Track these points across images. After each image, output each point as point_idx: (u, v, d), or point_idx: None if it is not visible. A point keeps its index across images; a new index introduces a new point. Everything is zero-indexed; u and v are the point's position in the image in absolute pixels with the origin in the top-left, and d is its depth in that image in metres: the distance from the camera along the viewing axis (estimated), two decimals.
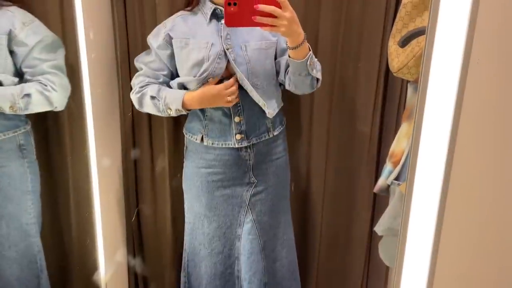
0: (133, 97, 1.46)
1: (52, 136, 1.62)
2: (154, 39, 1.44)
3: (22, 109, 1.40)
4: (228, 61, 1.37)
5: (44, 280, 1.61)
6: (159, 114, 1.45)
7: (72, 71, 1.48)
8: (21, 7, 1.42)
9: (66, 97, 1.48)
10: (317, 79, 1.39)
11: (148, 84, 1.44)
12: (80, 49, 1.35)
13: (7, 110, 1.40)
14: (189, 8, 1.43)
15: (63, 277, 1.73)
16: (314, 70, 1.33)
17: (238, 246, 1.56)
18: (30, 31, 1.40)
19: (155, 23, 1.53)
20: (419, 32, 1.14)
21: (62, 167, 1.63)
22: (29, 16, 1.43)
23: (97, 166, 1.47)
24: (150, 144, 1.72)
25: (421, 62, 0.82)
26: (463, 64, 0.78)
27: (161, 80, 1.46)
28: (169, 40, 1.41)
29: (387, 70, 1.64)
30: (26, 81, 1.43)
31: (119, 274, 1.78)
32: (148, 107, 1.45)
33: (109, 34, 1.58)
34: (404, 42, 1.16)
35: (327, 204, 1.82)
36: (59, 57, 1.47)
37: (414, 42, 1.16)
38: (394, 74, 1.24)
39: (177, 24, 1.42)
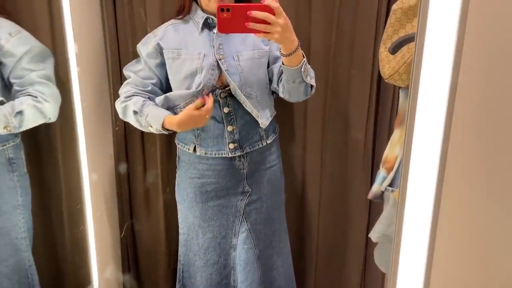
0: (118, 106, 1.44)
1: (43, 149, 1.61)
2: (144, 47, 1.43)
3: (17, 128, 1.39)
4: (221, 72, 1.37)
5: None
6: (141, 129, 1.44)
7: (63, 84, 1.47)
8: (8, 19, 1.42)
9: (58, 107, 1.47)
10: (311, 86, 1.39)
11: (133, 95, 1.42)
12: (70, 62, 1.34)
13: (1, 131, 1.38)
14: (180, 17, 1.43)
15: None
16: (308, 77, 1.33)
17: (233, 256, 1.55)
18: (17, 41, 1.39)
19: (145, 33, 1.53)
20: (410, 39, 1.15)
21: (54, 181, 1.62)
22: (16, 26, 1.42)
23: (89, 180, 1.46)
24: (143, 155, 1.72)
25: (411, 68, 0.82)
26: (454, 69, 0.79)
27: (149, 88, 1.44)
28: (159, 49, 1.41)
29: (379, 76, 1.64)
30: (15, 92, 1.42)
31: None
32: (131, 120, 1.44)
33: (100, 45, 1.58)
34: (394, 49, 1.17)
35: (323, 211, 1.82)
36: (48, 67, 1.45)
37: (405, 48, 1.17)
38: (386, 80, 1.25)
39: (168, 33, 1.42)
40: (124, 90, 1.45)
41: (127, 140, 1.71)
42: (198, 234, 1.54)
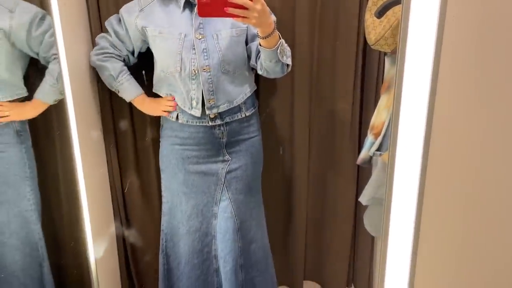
0: (94, 58, 1.40)
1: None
2: (126, 14, 1.36)
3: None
4: (201, 50, 1.32)
5: (47, 269, 1.52)
6: (108, 87, 1.44)
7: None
8: None
9: None
10: (287, 65, 1.34)
11: (112, 57, 1.39)
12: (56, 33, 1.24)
13: (52, 103, 1.40)
14: None
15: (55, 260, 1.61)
16: (284, 57, 1.28)
17: (214, 225, 1.48)
18: (19, 14, 1.31)
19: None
20: (395, 2, 1.06)
21: (48, 152, 1.52)
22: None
23: (80, 145, 1.36)
24: (132, 125, 1.61)
25: (399, 31, 0.75)
26: (439, 30, 0.72)
27: (124, 54, 1.41)
28: (139, 24, 1.35)
29: (365, 46, 1.56)
30: (43, 58, 1.36)
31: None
32: (103, 76, 1.42)
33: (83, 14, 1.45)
34: (380, 13, 1.08)
35: (312, 181, 1.73)
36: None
37: (390, 12, 1.08)
38: (372, 47, 1.17)
39: (152, 7, 1.35)
40: (102, 44, 1.40)
41: (114, 112, 1.58)
42: (182, 201, 1.48)
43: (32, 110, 1.41)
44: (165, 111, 1.43)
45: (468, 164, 0.78)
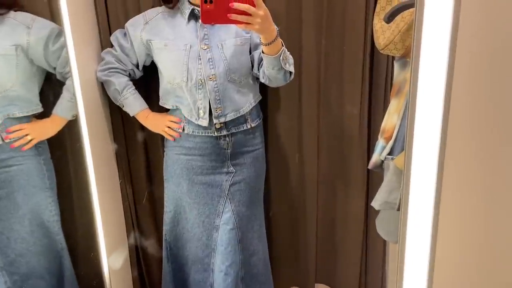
0: (100, 74, 1.36)
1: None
2: (132, 28, 1.33)
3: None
4: (206, 60, 1.28)
5: (71, 277, 1.50)
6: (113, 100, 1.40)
7: None
8: (20, 11, 1.30)
9: None
10: (290, 73, 1.29)
11: (117, 72, 1.35)
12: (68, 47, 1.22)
13: (70, 118, 1.36)
14: (170, 6, 1.32)
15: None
16: (287, 64, 1.23)
17: (215, 237, 1.42)
18: (36, 30, 1.28)
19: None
20: (404, 7, 1.01)
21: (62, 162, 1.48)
22: (28, 16, 1.30)
23: (93, 156, 1.33)
24: (143, 136, 1.57)
25: (412, 33, 0.70)
26: (452, 35, 0.67)
27: (129, 67, 1.37)
28: (144, 37, 1.32)
29: (372, 51, 1.50)
30: (60, 74, 1.33)
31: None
32: (108, 91, 1.39)
33: (93, 23, 1.42)
34: (389, 18, 1.03)
35: (322, 186, 1.66)
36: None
37: (398, 17, 1.03)
38: (381, 51, 1.12)
39: (158, 23, 1.31)
40: (107, 59, 1.36)
41: (124, 123, 1.54)
42: (185, 209, 1.43)
43: (52, 127, 1.38)
44: (166, 133, 1.40)
45: (485, 166, 0.74)
